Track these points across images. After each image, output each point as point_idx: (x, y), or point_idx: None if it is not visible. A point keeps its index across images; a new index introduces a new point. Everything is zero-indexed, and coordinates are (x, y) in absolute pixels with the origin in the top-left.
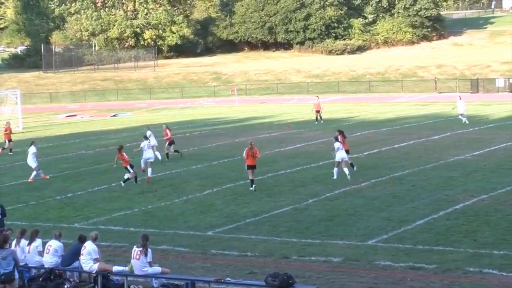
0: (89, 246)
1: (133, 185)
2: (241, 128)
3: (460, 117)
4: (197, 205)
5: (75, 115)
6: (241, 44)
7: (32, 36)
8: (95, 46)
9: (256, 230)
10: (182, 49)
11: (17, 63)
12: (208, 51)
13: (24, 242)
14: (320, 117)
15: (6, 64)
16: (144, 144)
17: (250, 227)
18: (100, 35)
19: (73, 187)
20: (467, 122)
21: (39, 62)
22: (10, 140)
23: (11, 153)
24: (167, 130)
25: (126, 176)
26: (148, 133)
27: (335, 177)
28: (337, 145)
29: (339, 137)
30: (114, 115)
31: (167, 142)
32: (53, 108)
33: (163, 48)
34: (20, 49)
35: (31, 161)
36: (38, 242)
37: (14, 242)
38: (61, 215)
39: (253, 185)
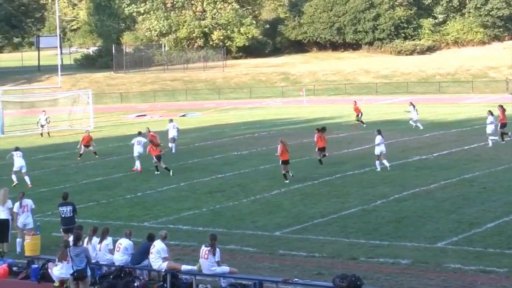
0: (158, 245)
1: (200, 185)
2: (309, 129)
3: (411, 122)
4: (265, 205)
5: (144, 115)
6: (310, 44)
7: (103, 37)
8: (164, 46)
9: (324, 231)
10: (251, 50)
11: (89, 63)
12: (277, 51)
13: (95, 240)
14: (361, 121)
15: (78, 64)
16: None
17: (318, 228)
18: (169, 35)
19: (143, 186)
20: (421, 127)
21: (110, 63)
22: (87, 146)
23: (97, 156)
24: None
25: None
26: (172, 125)
27: (378, 169)
28: (378, 139)
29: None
30: (183, 115)
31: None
32: (124, 108)
33: (232, 48)
34: (92, 49)
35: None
36: (108, 240)
37: (86, 240)
38: (131, 213)
39: (290, 174)
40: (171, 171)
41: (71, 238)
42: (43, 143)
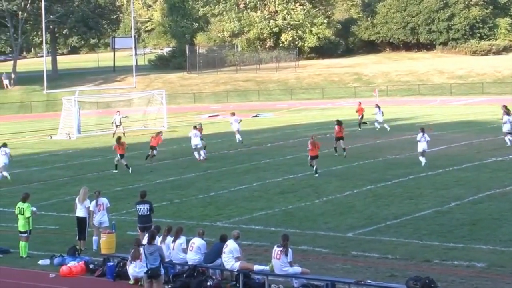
0: (231, 245)
1: (273, 185)
2: (382, 130)
3: (376, 124)
4: (337, 206)
5: (217, 115)
6: (383, 45)
7: (177, 38)
8: (237, 47)
9: (397, 232)
10: (323, 50)
11: (162, 64)
12: (349, 52)
13: (169, 239)
14: (362, 122)
15: (152, 65)
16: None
17: (391, 230)
18: (242, 36)
19: (215, 186)
20: (388, 128)
21: (184, 63)
22: (153, 148)
23: (153, 156)
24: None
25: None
26: (194, 133)
27: (422, 164)
28: (419, 136)
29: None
30: (255, 116)
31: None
32: (197, 108)
33: (304, 49)
34: (165, 50)
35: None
36: (182, 239)
37: (160, 239)
38: (204, 213)
39: (315, 171)
40: (130, 169)
41: (145, 238)
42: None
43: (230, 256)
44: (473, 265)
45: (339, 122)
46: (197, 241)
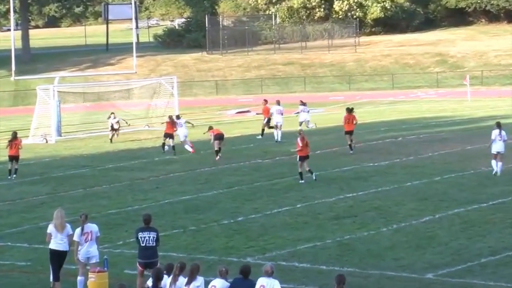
0: (270, 284)
1: (323, 207)
2: (474, 131)
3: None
4: (412, 236)
5: (248, 111)
6: (476, 14)
7: (193, 5)
8: (275, 18)
9: (496, 274)
10: (392, 22)
11: (173, 41)
12: (429, 24)
13: (182, 280)
14: (269, 126)
15: (160, 42)
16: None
17: (488, 269)
18: (282, 3)
19: (245, 208)
20: (314, 126)
21: (202, 40)
22: (170, 137)
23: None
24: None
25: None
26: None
27: (494, 171)
28: (494, 134)
29: None
30: (298, 113)
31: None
32: (220, 101)
33: (365, 21)
34: (177, 22)
35: None
36: (199, 281)
37: (169, 280)
38: (229, 245)
39: (313, 175)
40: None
41: (149, 281)
42: (113, 148)
43: None
44: None
45: (350, 110)
46: (218, 283)
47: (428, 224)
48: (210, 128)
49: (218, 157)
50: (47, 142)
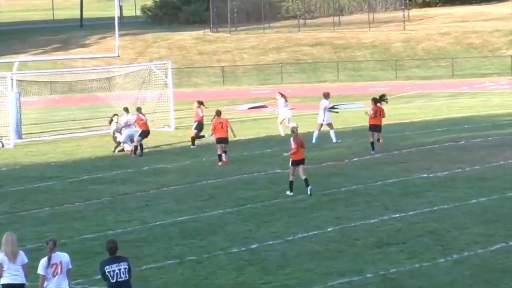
0: None
1: (362, 231)
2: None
3: (280, 127)
4: (478, 269)
5: (264, 106)
6: None
7: None
8: None
9: None
10: None
11: (167, 15)
12: None
13: None
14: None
15: (149, 17)
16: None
17: None
18: None
19: (261, 232)
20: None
21: (205, 14)
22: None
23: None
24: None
25: None
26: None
27: None
28: None
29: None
30: (332, 108)
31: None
32: (228, 93)
33: None
34: None
35: None
36: None
37: None
38: (240, 280)
39: (309, 187)
40: None
41: None
42: (89, 154)
43: None
44: None
45: (377, 100)
46: None
47: (498, 253)
48: (218, 113)
49: (221, 162)
50: (3, 146)
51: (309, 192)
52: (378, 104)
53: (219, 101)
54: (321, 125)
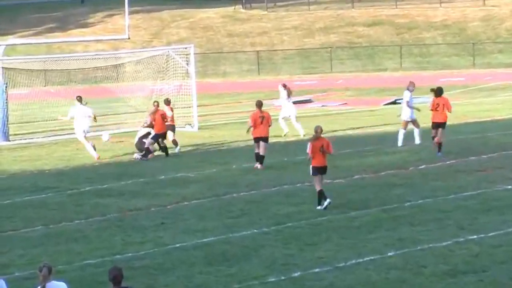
0: None
1: (431, 257)
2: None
3: (282, 125)
4: None
5: (309, 101)
6: None
7: None
8: None
9: None
10: None
11: None
12: None
13: None
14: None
15: None
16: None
17: None
18: None
19: (304, 257)
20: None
21: None
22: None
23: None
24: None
25: None
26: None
27: None
28: None
29: None
30: (394, 102)
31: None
32: (264, 84)
33: None
34: None
35: None
36: None
37: None
38: None
39: (326, 201)
40: None
41: None
42: (91, 161)
43: None
44: None
45: (438, 91)
46: None
47: None
48: (259, 105)
49: (258, 165)
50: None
51: (325, 205)
52: (439, 97)
53: (253, 95)
54: (407, 123)
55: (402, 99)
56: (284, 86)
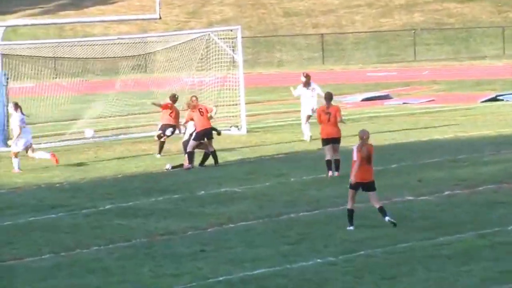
0: None
1: None
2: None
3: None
4: None
5: (386, 97)
6: None
7: None
8: None
9: None
10: None
11: None
12: None
13: None
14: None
15: None
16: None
17: None
18: None
19: None
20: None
21: None
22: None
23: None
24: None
25: None
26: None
27: None
28: None
29: None
30: (493, 99)
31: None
32: (329, 75)
33: None
34: None
35: None
36: None
37: None
38: None
39: (386, 217)
40: None
41: None
42: (113, 171)
43: None
44: None
45: None
46: None
47: None
48: (327, 97)
49: (331, 173)
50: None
51: (390, 220)
52: None
53: (329, 88)
54: None
55: (505, 94)
56: (306, 75)
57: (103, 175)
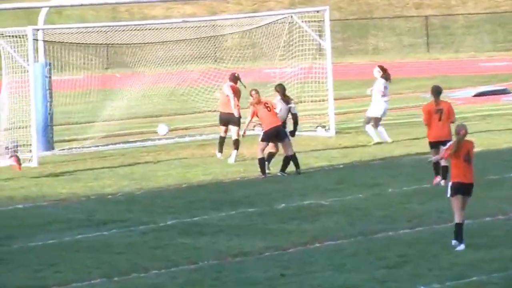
0: None
1: None
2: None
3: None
4: None
5: (503, 92)
6: None
7: None
8: None
9: None
10: None
11: None
12: None
13: None
14: None
15: None
16: None
17: None
18: None
19: None
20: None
21: None
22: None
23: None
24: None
25: None
26: None
27: None
28: None
29: None
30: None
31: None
32: (435, 65)
33: None
34: None
35: None
36: None
37: None
38: None
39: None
40: None
41: None
42: (175, 180)
43: None
44: None
45: None
46: None
47: None
48: (435, 92)
49: (439, 179)
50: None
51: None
52: None
53: (419, 82)
54: None
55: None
56: (382, 69)
57: (164, 185)
